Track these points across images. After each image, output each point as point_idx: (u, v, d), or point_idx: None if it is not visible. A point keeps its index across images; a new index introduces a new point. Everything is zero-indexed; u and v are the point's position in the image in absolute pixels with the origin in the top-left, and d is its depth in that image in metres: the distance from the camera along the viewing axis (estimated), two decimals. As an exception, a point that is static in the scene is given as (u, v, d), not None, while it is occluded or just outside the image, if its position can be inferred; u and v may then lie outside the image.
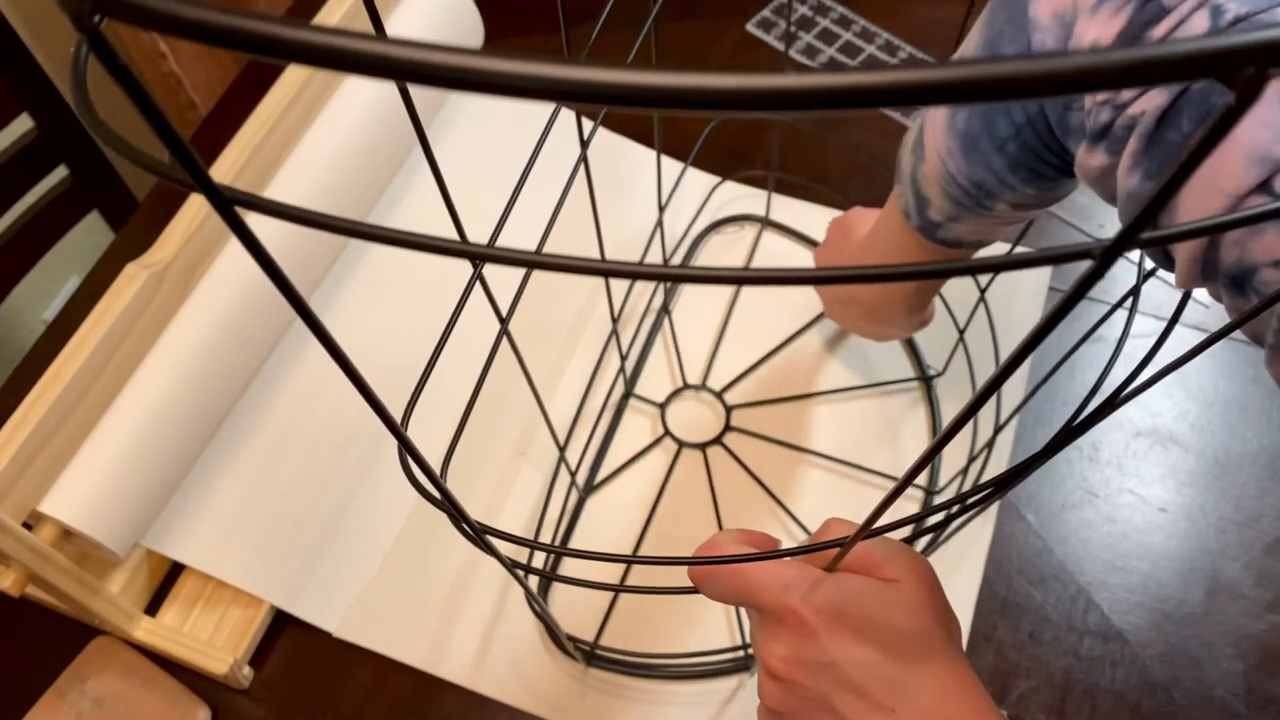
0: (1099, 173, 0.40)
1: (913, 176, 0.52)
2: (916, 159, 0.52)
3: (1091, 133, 0.40)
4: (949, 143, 0.48)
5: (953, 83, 0.13)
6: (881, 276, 0.16)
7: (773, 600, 0.37)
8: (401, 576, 0.68)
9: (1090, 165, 0.40)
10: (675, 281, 0.72)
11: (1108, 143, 0.39)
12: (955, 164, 0.48)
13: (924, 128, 0.51)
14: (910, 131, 0.55)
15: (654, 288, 0.80)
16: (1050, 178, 0.47)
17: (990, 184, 0.48)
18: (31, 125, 0.89)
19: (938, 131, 0.48)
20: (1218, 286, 0.38)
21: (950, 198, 0.50)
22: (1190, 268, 0.38)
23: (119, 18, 0.12)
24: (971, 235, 0.53)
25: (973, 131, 0.46)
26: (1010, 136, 0.45)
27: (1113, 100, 0.38)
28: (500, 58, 0.13)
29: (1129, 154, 0.38)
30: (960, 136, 0.47)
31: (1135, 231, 0.14)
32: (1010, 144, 0.45)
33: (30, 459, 0.58)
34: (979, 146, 0.46)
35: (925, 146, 0.50)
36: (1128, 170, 0.38)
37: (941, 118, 0.48)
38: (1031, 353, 0.19)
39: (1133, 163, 0.38)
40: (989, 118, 0.46)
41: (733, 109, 0.13)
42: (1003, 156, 0.46)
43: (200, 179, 0.15)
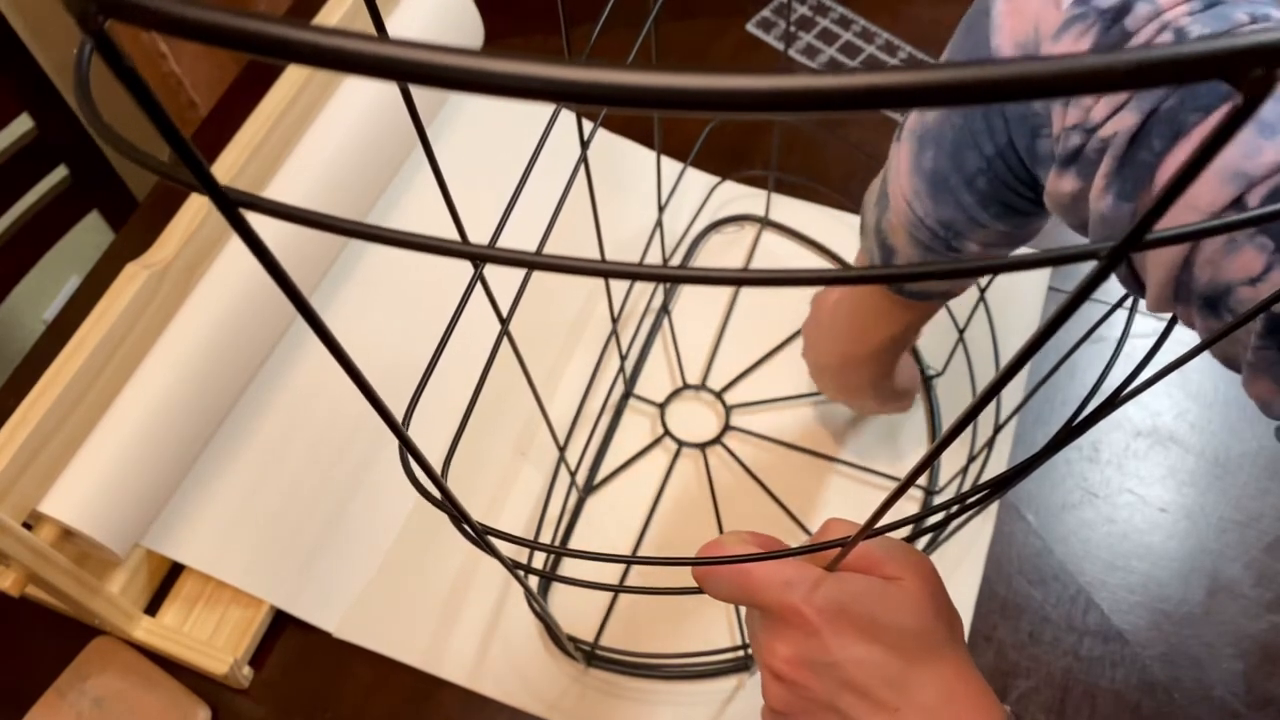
0: (1069, 199, 0.40)
1: (877, 227, 0.52)
2: (881, 209, 0.51)
3: (1061, 158, 0.40)
4: (915, 185, 0.47)
5: (958, 84, 0.13)
6: (887, 277, 0.16)
7: (775, 599, 0.37)
8: (401, 576, 0.68)
9: (1061, 191, 0.40)
10: (675, 282, 0.72)
11: (1078, 166, 0.39)
12: (923, 206, 0.48)
13: (886, 176, 0.50)
14: (872, 186, 0.55)
15: (654, 288, 0.80)
16: (1022, 211, 0.47)
17: (960, 223, 0.47)
18: (31, 125, 0.89)
19: (903, 175, 0.48)
20: (1190, 310, 0.38)
21: (918, 243, 0.49)
22: (1163, 289, 0.38)
23: (125, 19, 0.12)
24: (938, 287, 0.53)
25: (941, 170, 0.46)
26: (980, 170, 0.45)
27: (1082, 124, 0.38)
28: (502, 59, 0.13)
29: (1101, 175, 0.38)
30: (927, 176, 0.46)
31: (1142, 233, 0.14)
32: (980, 178, 0.45)
33: (30, 459, 0.58)
34: (948, 184, 0.46)
35: (890, 194, 0.50)
36: (1100, 193, 0.38)
37: (906, 161, 0.48)
38: (1030, 359, 0.19)
39: (1105, 184, 0.38)
40: (957, 154, 0.45)
41: (733, 110, 0.13)
42: (973, 193, 0.46)
43: (205, 180, 0.15)
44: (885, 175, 0.51)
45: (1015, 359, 0.20)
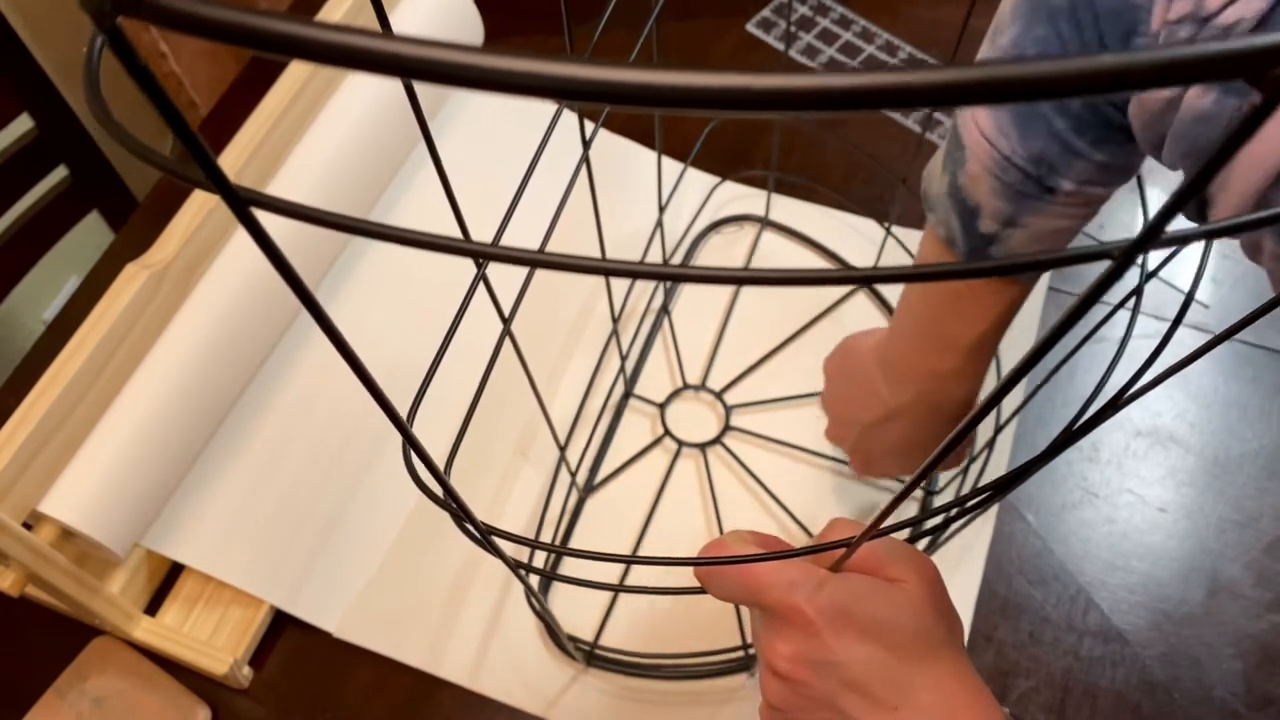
0: (1162, 105, 0.38)
1: (951, 191, 0.48)
2: (952, 167, 0.47)
3: None
4: (998, 120, 0.44)
5: (965, 84, 0.13)
6: (889, 278, 0.16)
7: (777, 599, 0.38)
8: (401, 576, 0.68)
9: (1157, 95, 0.37)
10: (675, 281, 0.72)
11: None
12: (1010, 142, 0.44)
13: (958, 126, 0.47)
14: (935, 157, 0.51)
15: (654, 288, 0.80)
16: (1120, 130, 0.43)
17: (1054, 155, 0.44)
18: (31, 125, 0.89)
19: (981, 114, 0.45)
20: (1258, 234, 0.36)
21: (1007, 189, 0.45)
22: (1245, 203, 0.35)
23: (137, 15, 0.12)
24: (1030, 248, 0.48)
25: None
26: None
27: (1194, 14, 0.35)
28: (507, 56, 0.13)
29: None
30: (1011, 106, 0.42)
31: (1155, 232, 0.14)
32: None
33: (30, 459, 0.58)
34: (1036, 110, 0.43)
35: (966, 142, 0.46)
36: (1203, 89, 0.35)
37: None
38: (1040, 360, 0.19)
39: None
40: None
41: (734, 109, 0.13)
42: (1066, 116, 0.42)
43: (216, 178, 0.15)
44: (954, 131, 0.48)
45: (1021, 364, 0.20)
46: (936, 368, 0.53)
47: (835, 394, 0.61)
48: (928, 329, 0.53)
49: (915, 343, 0.54)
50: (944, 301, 0.51)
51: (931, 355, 0.53)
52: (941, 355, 0.53)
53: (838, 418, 0.61)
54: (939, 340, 0.52)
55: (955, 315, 0.51)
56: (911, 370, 0.54)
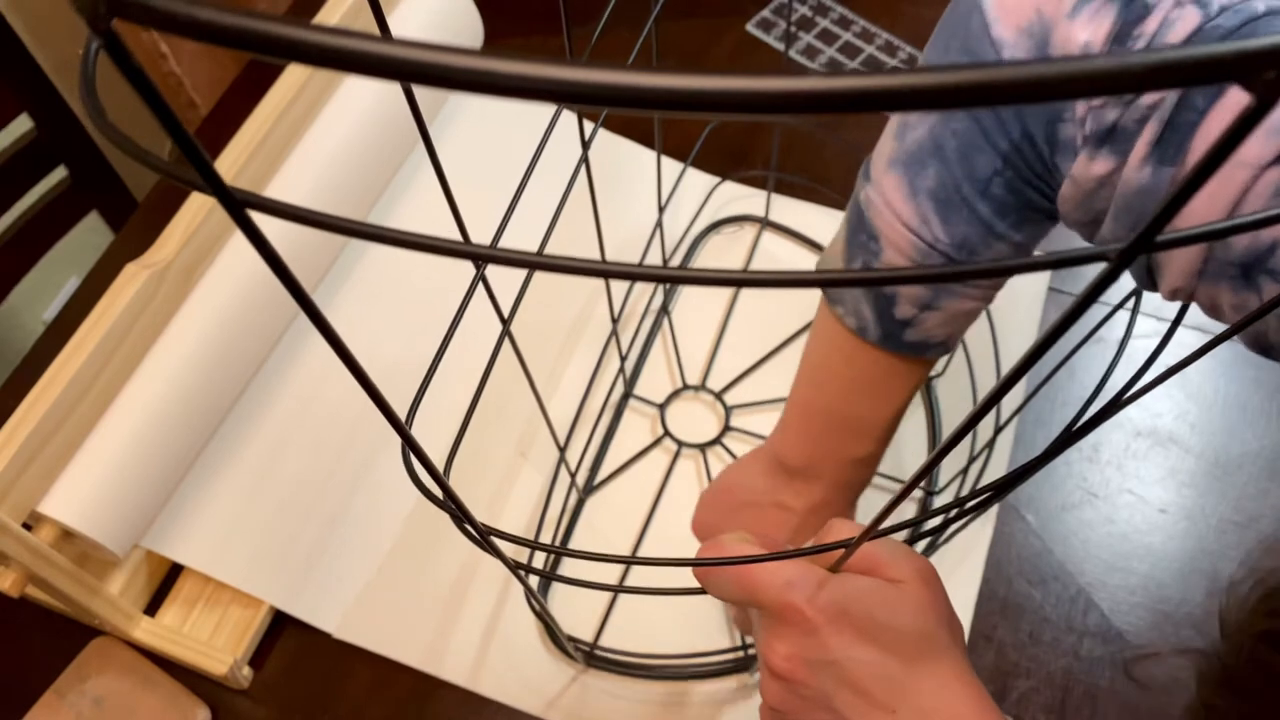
0: (1096, 183, 0.39)
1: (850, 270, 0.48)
2: (865, 255, 0.47)
3: (1094, 137, 0.39)
4: (919, 209, 0.44)
5: (961, 86, 0.13)
6: (892, 279, 0.16)
7: (776, 598, 0.38)
8: (401, 577, 0.68)
9: (1090, 175, 0.39)
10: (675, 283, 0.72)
11: (1113, 143, 0.38)
12: (933, 229, 0.45)
13: (868, 217, 0.47)
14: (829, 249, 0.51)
15: (654, 288, 0.80)
16: (1041, 212, 0.45)
17: (976, 239, 0.44)
18: (31, 125, 0.89)
19: (900, 206, 0.45)
20: (1217, 288, 0.37)
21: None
22: (1191, 267, 0.37)
23: (132, 18, 0.12)
24: (941, 330, 0.49)
25: (947, 184, 0.43)
26: (995, 172, 0.42)
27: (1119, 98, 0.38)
28: (505, 59, 0.13)
29: (1144, 143, 0.37)
30: (931, 195, 0.44)
31: (1153, 233, 0.14)
32: (995, 182, 0.43)
33: (30, 459, 0.57)
34: (959, 196, 0.43)
35: (882, 235, 0.46)
36: (1140, 163, 0.37)
37: (899, 192, 0.44)
38: (1038, 359, 0.19)
39: (1146, 153, 0.37)
40: (966, 160, 0.43)
41: (734, 111, 0.13)
42: (988, 200, 0.43)
43: (211, 180, 0.15)
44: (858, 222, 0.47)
45: (1019, 365, 0.20)
46: (852, 453, 0.53)
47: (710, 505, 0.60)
48: (839, 419, 0.53)
49: (824, 436, 0.54)
50: (860, 383, 0.52)
51: (846, 443, 0.53)
52: (857, 441, 0.53)
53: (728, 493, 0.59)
54: (854, 427, 0.53)
55: (870, 397, 0.52)
56: (824, 464, 0.54)
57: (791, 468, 0.55)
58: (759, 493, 0.57)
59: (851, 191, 0.49)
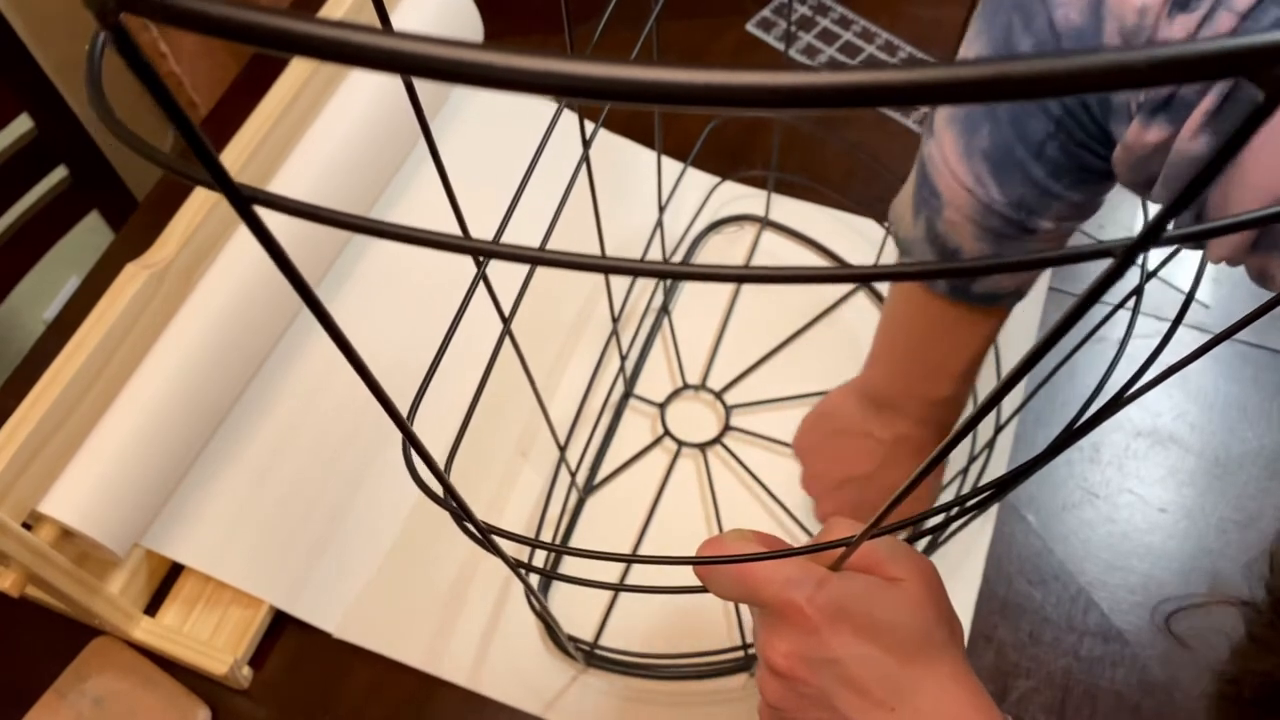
0: (1150, 150, 0.39)
1: (929, 236, 0.48)
2: (929, 212, 0.48)
3: (1149, 105, 0.38)
4: (975, 169, 0.45)
5: (969, 82, 0.13)
6: (893, 276, 0.16)
7: (776, 596, 0.38)
8: (401, 576, 0.68)
9: (1144, 142, 0.39)
10: (675, 279, 0.71)
11: (1170, 112, 0.37)
12: (990, 191, 0.45)
13: (929, 173, 0.47)
14: (900, 199, 0.51)
15: (654, 288, 0.80)
16: (1097, 173, 0.44)
17: (1032, 199, 0.44)
18: (31, 125, 0.89)
19: (955, 164, 0.45)
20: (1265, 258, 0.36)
21: (989, 233, 0.46)
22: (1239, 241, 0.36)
23: (140, 12, 0.12)
24: (1009, 281, 0.49)
25: (1001, 145, 0.43)
26: (1049, 135, 0.42)
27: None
28: (508, 53, 0.13)
29: (1200, 113, 0.36)
30: (988, 156, 0.44)
31: (1158, 229, 0.14)
32: (1049, 144, 0.43)
33: (30, 459, 0.57)
34: (1013, 158, 0.43)
35: (942, 191, 0.46)
36: (1194, 133, 0.37)
37: (955, 150, 0.45)
38: (1040, 360, 0.19)
39: (1203, 122, 0.36)
40: (1020, 122, 0.42)
41: (735, 106, 0.13)
42: (1043, 162, 0.43)
43: (219, 177, 0.15)
44: (922, 177, 0.48)
45: (1020, 364, 0.20)
46: (931, 394, 0.54)
47: (822, 459, 0.60)
48: (917, 360, 0.54)
49: (905, 376, 0.55)
50: (935, 330, 0.52)
51: (925, 383, 0.54)
52: (936, 382, 0.54)
53: (830, 482, 0.60)
54: (931, 369, 0.53)
55: (947, 342, 0.52)
56: (907, 401, 0.55)
57: (878, 401, 0.56)
58: (852, 420, 0.58)
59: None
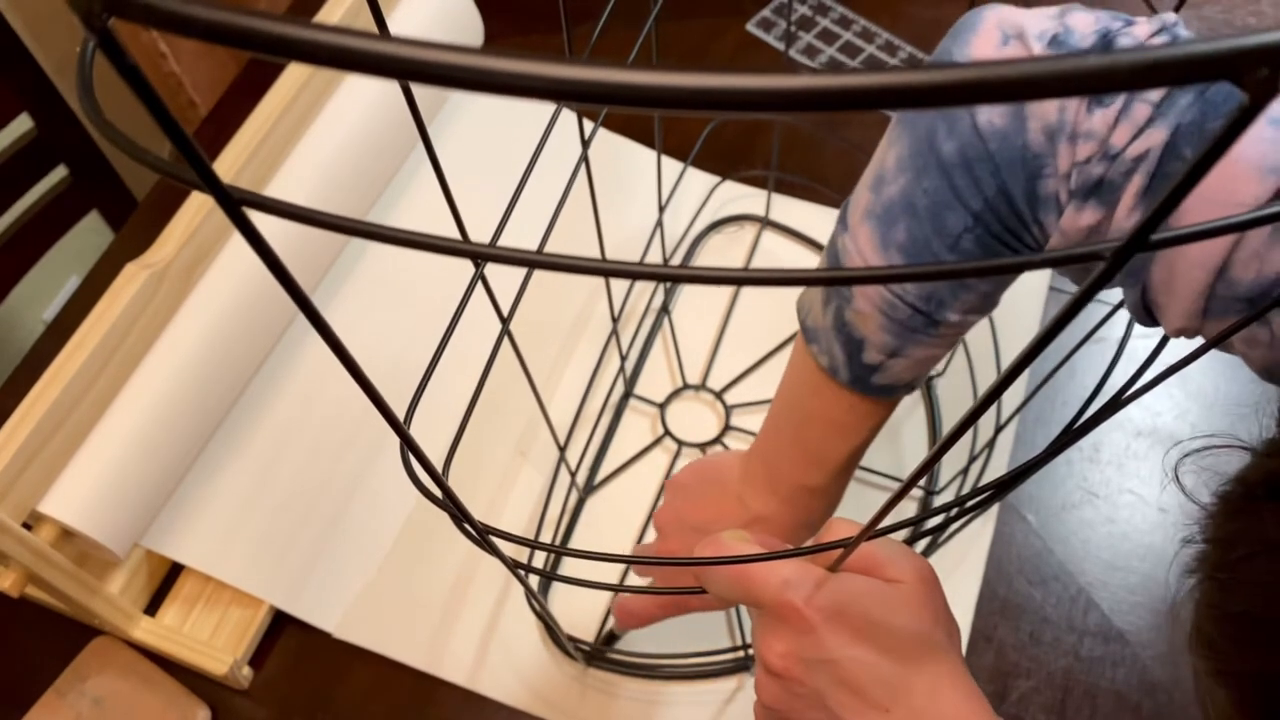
0: (1086, 233, 0.40)
1: (837, 325, 0.48)
2: (840, 301, 0.48)
3: (1080, 191, 0.39)
4: (888, 262, 0.45)
5: (960, 84, 0.13)
6: (894, 277, 0.16)
7: (773, 597, 0.38)
8: (401, 576, 0.68)
9: (1078, 226, 0.40)
10: (675, 281, 0.71)
11: (1100, 196, 0.39)
12: (900, 284, 0.45)
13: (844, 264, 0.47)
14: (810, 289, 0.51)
15: (654, 288, 0.80)
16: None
17: (943, 292, 0.45)
18: (31, 125, 0.89)
19: (870, 256, 0.46)
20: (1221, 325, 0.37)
21: (896, 324, 0.46)
22: (1194, 304, 0.37)
23: (129, 17, 0.12)
24: (908, 374, 0.50)
25: (917, 240, 0.44)
26: (966, 229, 0.43)
27: (1102, 153, 0.38)
28: (505, 57, 0.13)
29: (1131, 194, 0.38)
30: (902, 250, 0.44)
31: (1148, 231, 0.14)
32: (966, 237, 0.43)
33: (30, 459, 0.58)
34: (929, 252, 0.44)
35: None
36: (1129, 212, 0.38)
37: (870, 243, 0.45)
38: (1036, 357, 0.19)
39: (1135, 202, 0.38)
40: (937, 217, 0.43)
41: (735, 109, 0.13)
42: (957, 254, 0.44)
43: (208, 178, 0.15)
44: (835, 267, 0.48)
45: (1016, 362, 0.20)
46: (805, 480, 0.54)
47: (687, 501, 0.59)
48: (799, 441, 0.53)
49: (784, 455, 0.54)
50: (821, 421, 0.52)
51: (801, 467, 0.54)
52: (811, 469, 0.53)
53: (683, 524, 0.59)
54: (810, 454, 0.53)
55: (834, 432, 0.52)
56: (780, 482, 0.55)
57: (757, 472, 0.56)
58: (730, 478, 0.58)
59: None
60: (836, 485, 0.55)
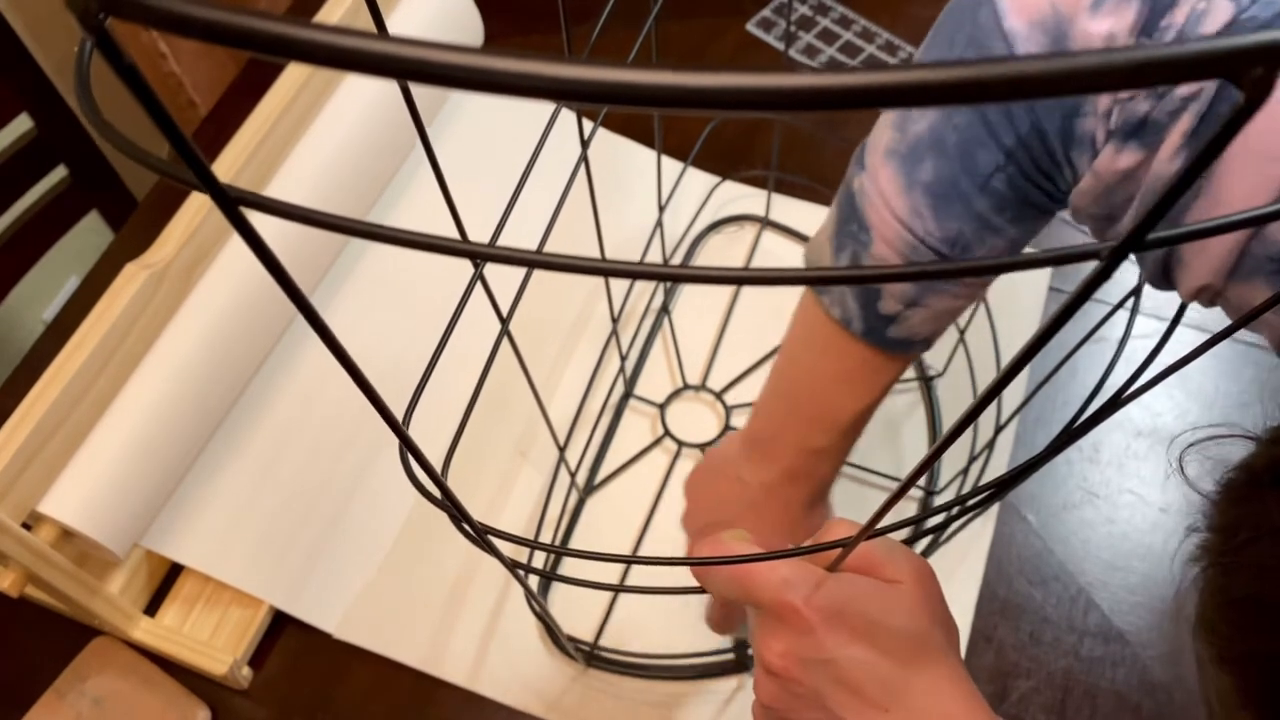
0: (1122, 176, 0.39)
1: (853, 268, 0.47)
2: (854, 246, 0.46)
3: (1122, 130, 0.38)
4: (913, 202, 0.43)
5: (956, 83, 0.13)
6: (892, 276, 0.16)
7: (772, 597, 0.38)
8: (401, 576, 0.68)
9: (1116, 169, 0.38)
10: (675, 281, 0.71)
11: (1143, 136, 0.37)
12: (925, 224, 0.43)
13: (860, 207, 0.45)
14: (816, 238, 0.50)
15: (654, 288, 0.80)
16: (1039, 208, 0.44)
17: (969, 234, 0.43)
18: (31, 125, 0.89)
19: (893, 197, 0.44)
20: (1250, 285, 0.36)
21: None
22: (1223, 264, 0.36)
23: (126, 17, 0.12)
24: (925, 327, 0.48)
25: (944, 179, 0.42)
26: (997, 167, 0.41)
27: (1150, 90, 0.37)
28: (504, 57, 0.13)
29: (1178, 134, 0.36)
30: (928, 190, 0.43)
31: (1144, 231, 0.14)
32: (997, 176, 0.42)
33: (30, 459, 0.58)
34: (956, 191, 0.42)
35: (871, 225, 0.45)
36: (1172, 154, 0.36)
37: (893, 183, 0.43)
38: (1034, 356, 0.19)
39: (1181, 143, 0.36)
40: (966, 155, 0.41)
41: (735, 108, 0.13)
42: (987, 195, 0.42)
43: (205, 178, 0.15)
44: (849, 211, 0.46)
45: (1015, 361, 0.20)
46: (810, 441, 0.52)
47: (697, 498, 0.58)
48: (807, 404, 0.51)
49: (788, 416, 0.53)
50: (834, 372, 0.50)
51: (807, 428, 0.52)
52: (818, 429, 0.51)
53: (697, 523, 0.58)
54: (819, 416, 0.51)
55: (844, 386, 0.50)
56: (781, 447, 0.53)
57: (756, 442, 0.54)
58: (728, 461, 0.56)
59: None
60: (845, 445, 0.53)
